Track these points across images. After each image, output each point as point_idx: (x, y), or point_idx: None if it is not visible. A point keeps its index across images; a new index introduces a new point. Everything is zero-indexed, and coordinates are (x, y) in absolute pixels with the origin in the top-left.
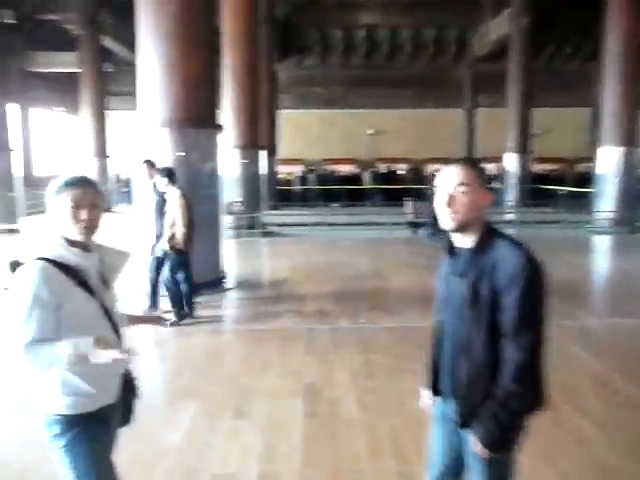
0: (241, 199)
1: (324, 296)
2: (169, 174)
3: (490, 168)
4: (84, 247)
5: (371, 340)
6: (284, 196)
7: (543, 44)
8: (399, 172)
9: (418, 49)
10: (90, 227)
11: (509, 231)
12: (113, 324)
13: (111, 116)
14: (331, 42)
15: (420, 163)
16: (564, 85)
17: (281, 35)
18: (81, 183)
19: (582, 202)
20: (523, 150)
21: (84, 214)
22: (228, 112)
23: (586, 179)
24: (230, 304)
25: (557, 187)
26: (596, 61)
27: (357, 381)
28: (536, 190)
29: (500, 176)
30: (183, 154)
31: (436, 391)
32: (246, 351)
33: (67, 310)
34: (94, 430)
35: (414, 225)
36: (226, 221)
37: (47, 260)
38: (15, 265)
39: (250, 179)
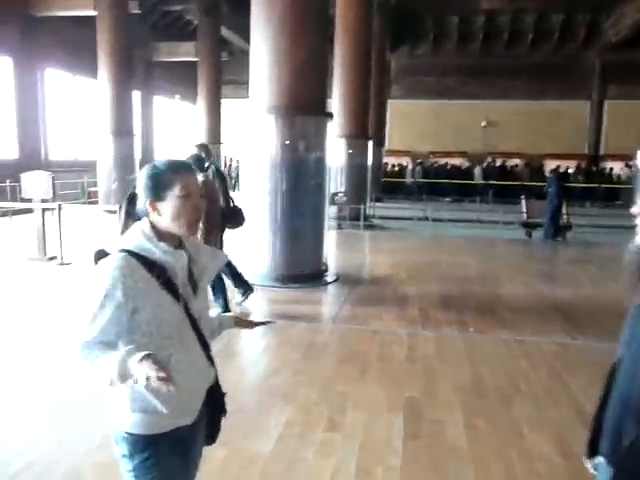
0: (346, 190)
1: (428, 298)
2: (195, 158)
3: (617, 167)
4: (175, 243)
5: (480, 352)
6: (391, 188)
7: None
8: (514, 167)
9: (542, 36)
10: (196, 221)
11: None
12: (199, 335)
13: (226, 104)
14: (446, 29)
15: (537, 158)
16: None
17: (394, 23)
18: (189, 169)
19: None
20: None
21: (193, 205)
22: (337, 101)
23: None
24: (330, 300)
25: None
26: None
27: (465, 400)
28: None
29: (631, 176)
30: (288, 142)
31: (593, 450)
32: (344, 353)
33: (145, 314)
34: (166, 455)
35: (529, 226)
36: (329, 212)
37: (130, 253)
38: (99, 255)
39: (356, 170)
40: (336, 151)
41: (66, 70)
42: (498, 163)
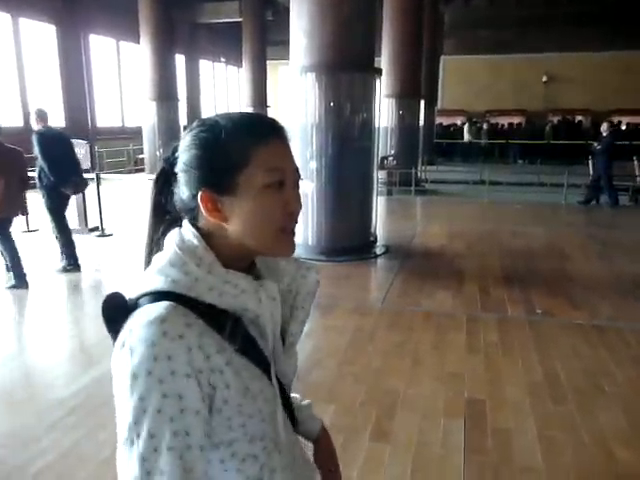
0: (396, 153)
1: (488, 274)
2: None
3: None
4: (244, 266)
5: (552, 340)
6: (446, 150)
7: None
8: (580, 123)
9: None
10: (294, 229)
11: None
12: (289, 413)
13: (272, 66)
14: None
15: (604, 115)
16: None
17: None
18: (280, 132)
19: None
20: None
21: (291, 198)
22: (386, 58)
23: None
24: (379, 275)
25: None
26: None
27: (538, 404)
28: None
29: None
30: (332, 103)
31: None
32: (395, 340)
33: (227, 411)
34: None
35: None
36: (378, 177)
37: (179, 299)
38: (113, 312)
39: (407, 131)
40: (385, 112)
41: (110, 36)
42: (563, 121)
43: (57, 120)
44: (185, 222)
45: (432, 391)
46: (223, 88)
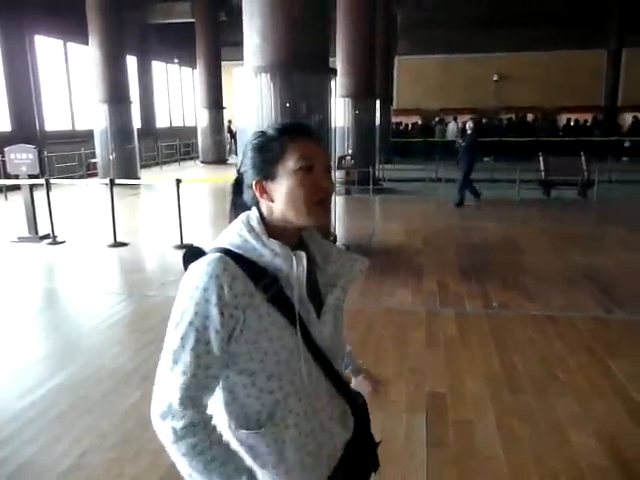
0: (353, 153)
1: (446, 269)
2: None
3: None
4: (293, 241)
5: (509, 332)
6: (402, 149)
7: None
8: (533, 121)
9: None
10: (322, 205)
11: None
12: (328, 371)
13: (227, 67)
14: None
15: (551, 112)
16: None
17: None
18: (310, 133)
19: None
20: None
21: (320, 179)
22: (341, 58)
23: None
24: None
25: None
26: None
27: (497, 394)
28: None
29: None
30: (288, 104)
31: None
32: (355, 338)
33: (245, 344)
34: None
35: (547, 185)
36: (336, 177)
37: (229, 254)
38: (190, 256)
39: (363, 131)
40: (342, 112)
41: (57, 37)
42: (509, 120)
43: (2, 125)
44: (253, 208)
45: (394, 387)
46: (178, 90)
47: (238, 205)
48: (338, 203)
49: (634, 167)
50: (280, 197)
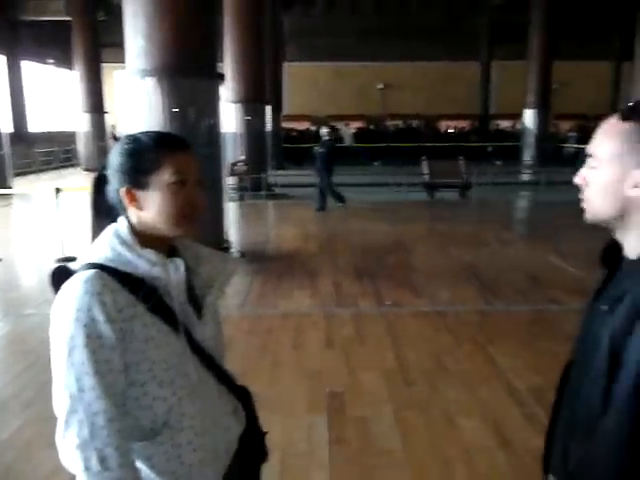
0: (245, 159)
1: (340, 271)
2: None
3: (506, 126)
4: (165, 249)
5: (401, 329)
6: (294, 155)
7: None
8: (417, 127)
9: None
10: (196, 215)
11: (525, 193)
12: (214, 370)
13: (109, 69)
14: None
15: (434, 119)
16: (585, 36)
17: None
18: (185, 146)
19: None
20: (543, 106)
21: (191, 193)
22: (229, 63)
23: None
24: (235, 280)
25: (579, 146)
26: (622, 9)
27: (392, 389)
28: (556, 149)
29: (519, 134)
30: (176, 109)
31: (548, 467)
32: (253, 344)
33: (133, 355)
34: None
35: (432, 187)
36: (228, 183)
37: (104, 269)
38: (59, 275)
39: (255, 137)
40: (232, 117)
41: None
42: (395, 126)
43: None
44: (121, 217)
45: (294, 391)
46: (54, 92)
47: (100, 206)
48: (231, 209)
49: (506, 169)
50: (151, 207)
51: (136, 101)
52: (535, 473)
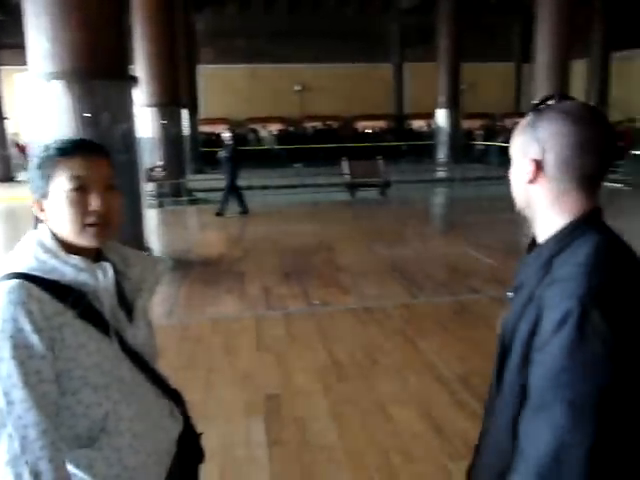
0: (164, 164)
1: (268, 274)
2: None
3: (420, 125)
4: (91, 253)
5: (331, 327)
6: (214, 159)
7: None
8: (335, 129)
9: None
10: (103, 223)
11: (441, 190)
12: (148, 373)
13: (8, 72)
14: None
15: (352, 120)
16: (489, 39)
17: None
18: (84, 149)
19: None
20: (453, 105)
21: (93, 200)
22: (142, 66)
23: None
24: (160, 290)
25: (488, 143)
26: (521, 12)
27: (326, 386)
28: (467, 146)
29: (433, 133)
30: (88, 114)
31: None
32: (184, 352)
33: (64, 363)
34: None
35: (352, 187)
36: (147, 189)
37: (28, 278)
38: None
39: (172, 141)
40: (148, 121)
41: None
42: (313, 127)
43: None
44: (42, 226)
45: (229, 395)
46: None
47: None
48: (151, 216)
49: (422, 167)
50: (54, 217)
51: (43, 106)
52: (464, 454)
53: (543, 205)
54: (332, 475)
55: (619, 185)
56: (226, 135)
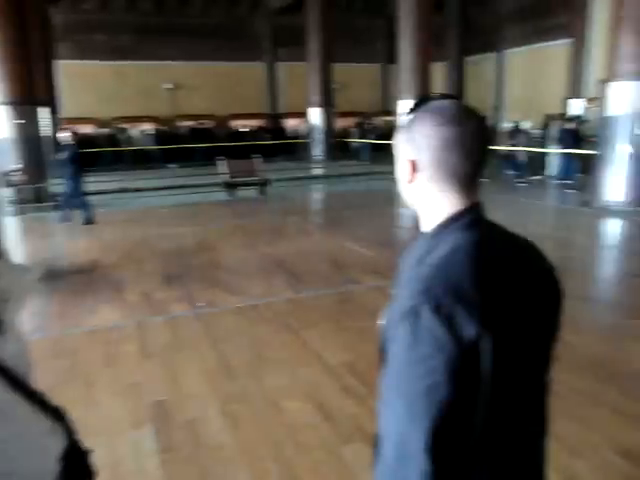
0: (21, 167)
1: (148, 279)
2: None
3: (295, 124)
4: None
5: (218, 328)
6: (83, 160)
7: None
8: (209, 129)
9: None
10: None
11: (318, 186)
12: (23, 390)
13: None
14: None
15: (227, 119)
16: (357, 41)
17: None
18: None
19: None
20: (326, 104)
21: None
22: None
23: (390, 132)
24: (27, 301)
25: (362, 140)
26: (384, 17)
27: (216, 387)
28: (341, 144)
29: (307, 132)
30: None
31: None
32: (60, 368)
33: None
34: None
35: (231, 186)
36: (4, 195)
37: None
38: None
39: (29, 142)
40: (2, 121)
41: None
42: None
43: None
44: None
45: (113, 407)
46: None
47: None
48: (11, 225)
49: (299, 165)
50: None
51: None
52: (355, 438)
53: (423, 204)
54: (228, 473)
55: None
56: (64, 135)
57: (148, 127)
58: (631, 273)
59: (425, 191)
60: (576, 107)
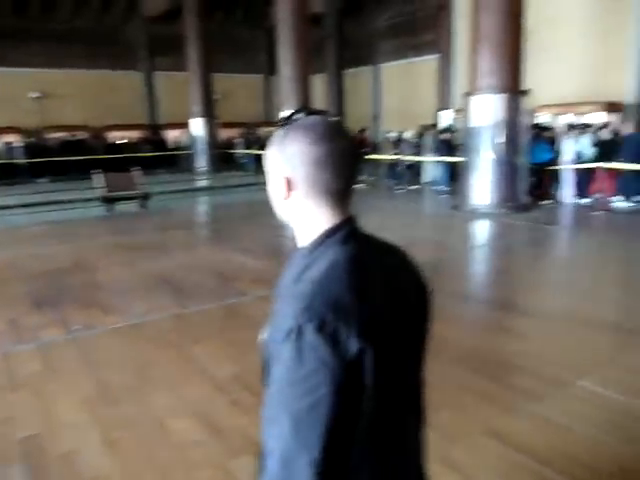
0: None
1: (14, 304)
2: None
3: (176, 135)
4: None
5: (97, 351)
6: None
7: (214, 7)
8: (82, 140)
9: (81, 2)
10: None
11: (203, 199)
12: None
13: None
14: None
15: (103, 130)
16: (238, 51)
17: None
18: None
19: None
20: (208, 115)
21: None
22: None
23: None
24: None
25: (246, 151)
26: (264, 29)
27: (97, 415)
28: (226, 155)
29: (189, 142)
30: None
31: None
32: None
33: None
34: None
35: (109, 201)
36: None
37: None
38: None
39: None
40: None
41: None
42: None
43: None
44: None
45: None
46: None
47: None
48: None
49: (182, 177)
50: None
51: None
52: (243, 451)
53: (299, 220)
54: None
55: (361, 185)
56: None
57: (13, 139)
58: (498, 269)
59: (300, 207)
60: (446, 118)
